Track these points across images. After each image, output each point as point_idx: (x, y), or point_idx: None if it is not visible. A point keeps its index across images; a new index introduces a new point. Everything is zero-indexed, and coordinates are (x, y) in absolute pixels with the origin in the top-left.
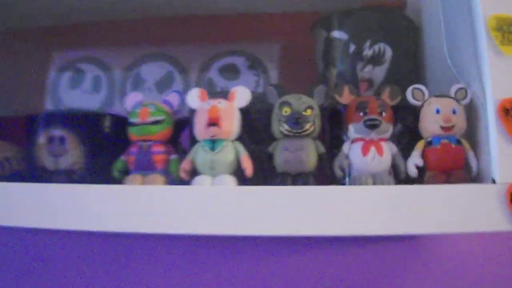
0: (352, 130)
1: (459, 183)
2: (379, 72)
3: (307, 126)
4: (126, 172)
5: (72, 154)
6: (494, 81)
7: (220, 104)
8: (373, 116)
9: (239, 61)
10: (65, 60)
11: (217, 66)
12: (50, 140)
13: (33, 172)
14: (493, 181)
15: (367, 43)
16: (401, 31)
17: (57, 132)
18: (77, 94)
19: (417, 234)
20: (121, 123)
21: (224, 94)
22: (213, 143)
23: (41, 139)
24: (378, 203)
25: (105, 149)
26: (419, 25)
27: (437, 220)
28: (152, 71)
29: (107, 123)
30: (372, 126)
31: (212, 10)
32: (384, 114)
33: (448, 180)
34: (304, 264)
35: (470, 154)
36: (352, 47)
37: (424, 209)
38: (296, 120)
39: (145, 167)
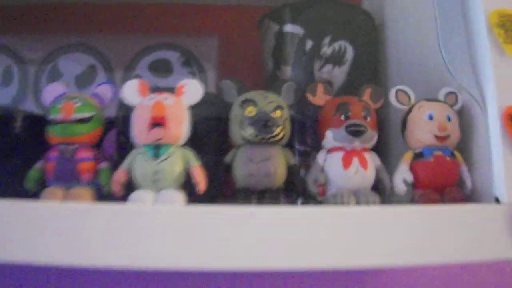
0: (331, 137)
1: (455, 203)
2: (339, 74)
3: (277, 130)
4: (43, 183)
5: None
6: (498, 85)
7: (167, 100)
8: (357, 121)
9: (172, 57)
10: None
11: (147, 61)
12: None
13: None
14: (497, 201)
15: (327, 40)
16: (363, 28)
17: None
18: None
19: (408, 266)
20: (36, 122)
21: (170, 89)
22: (157, 149)
23: None
24: (362, 227)
25: (16, 154)
26: (380, 22)
27: (435, 249)
28: (71, 64)
29: (18, 121)
30: (356, 132)
31: None
32: (368, 118)
33: (442, 199)
34: None
35: (464, 169)
36: (309, 44)
37: (418, 235)
38: (264, 123)
39: (68, 178)
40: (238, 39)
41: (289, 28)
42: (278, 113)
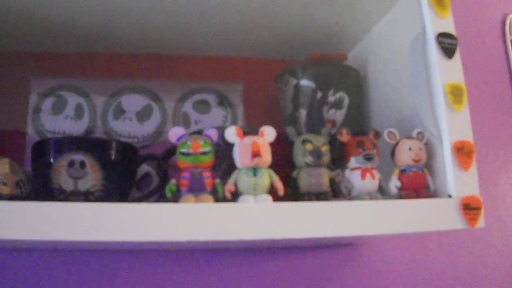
0: (354, 161)
1: (425, 198)
2: (339, 115)
3: (325, 158)
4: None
5: (91, 177)
6: (449, 129)
7: (258, 140)
8: (370, 152)
9: (210, 98)
10: (45, 87)
11: (191, 101)
12: (71, 164)
13: (49, 193)
14: (450, 196)
15: (331, 91)
16: (353, 82)
17: (78, 157)
18: (60, 120)
19: (394, 234)
20: (128, 149)
21: (255, 131)
22: (255, 170)
23: (61, 163)
24: (374, 212)
25: (116, 173)
26: (364, 75)
27: (415, 222)
28: (132, 102)
29: (119, 149)
30: (369, 158)
31: (188, 50)
32: (375, 150)
33: (418, 196)
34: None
35: (429, 178)
36: (319, 94)
37: (406, 215)
38: (318, 154)
39: (198, 189)
40: (257, 85)
41: (304, 82)
42: (324, 147)
